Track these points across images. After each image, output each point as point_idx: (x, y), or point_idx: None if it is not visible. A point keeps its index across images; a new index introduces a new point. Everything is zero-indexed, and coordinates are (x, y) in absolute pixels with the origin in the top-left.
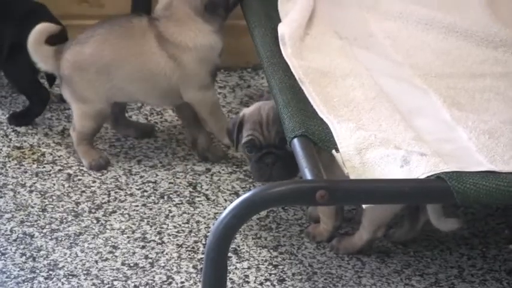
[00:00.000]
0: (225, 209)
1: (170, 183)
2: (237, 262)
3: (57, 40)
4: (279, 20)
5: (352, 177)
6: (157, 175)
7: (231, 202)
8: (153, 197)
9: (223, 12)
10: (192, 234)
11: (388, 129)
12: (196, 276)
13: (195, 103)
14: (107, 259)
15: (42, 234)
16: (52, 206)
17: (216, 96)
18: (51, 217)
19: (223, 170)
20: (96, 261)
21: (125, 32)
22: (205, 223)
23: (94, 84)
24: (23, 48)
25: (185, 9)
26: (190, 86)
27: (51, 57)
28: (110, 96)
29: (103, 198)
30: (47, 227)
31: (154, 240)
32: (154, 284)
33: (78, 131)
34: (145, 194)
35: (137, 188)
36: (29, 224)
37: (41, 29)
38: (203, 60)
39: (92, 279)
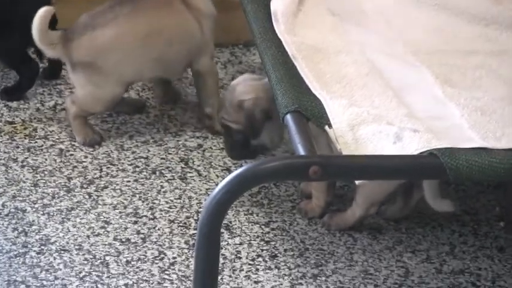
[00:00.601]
0: (216, 184)
1: (162, 158)
2: (228, 238)
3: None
4: None
5: (345, 153)
6: (149, 151)
7: (223, 178)
8: (144, 173)
9: None
10: (184, 209)
11: (381, 105)
12: (188, 251)
13: (207, 72)
14: (98, 234)
15: (34, 209)
16: (44, 181)
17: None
18: (43, 192)
19: (215, 146)
20: (88, 236)
21: (152, 4)
22: (197, 199)
23: (120, 67)
24: (9, 23)
25: None
26: (205, 53)
27: (59, 43)
28: (138, 73)
29: (95, 174)
30: (39, 202)
31: (146, 216)
32: (146, 259)
33: (80, 109)
34: (137, 169)
35: (129, 163)
36: (20, 199)
37: (43, 14)
38: (213, 27)
39: (84, 254)
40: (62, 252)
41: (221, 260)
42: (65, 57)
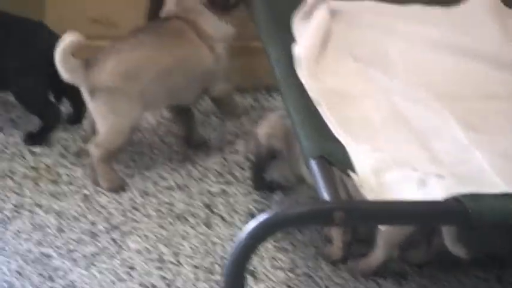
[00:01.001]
0: (240, 230)
1: (186, 204)
2: (253, 284)
3: None
4: (294, 41)
5: (369, 198)
6: (173, 196)
7: (247, 223)
8: (169, 218)
9: (226, 3)
10: (209, 255)
11: (405, 150)
12: None
13: (223, 96)
14: (123, 280)
15: (59, 255)
16: (69, 227)
17: None
18: (68, 237)
19: (238, 191)
20: (113, 282)
21: (171, 33)
22: (221, 244)
23: (143, 92)
24: (28, 68)
25: (194, 2)
26: (220, 78)
27: (81, 70)
28: (154, 102)
29: (119, 219)
30: (64, 247)
31: (170, 261)
32: None
33: (104, 148)
34: (161, 215)
35: (153, 209)
36: (46, 244)
37: (69, 41)
38: (227, 50)
39: None
40: None
41: None
42: (85, 83)
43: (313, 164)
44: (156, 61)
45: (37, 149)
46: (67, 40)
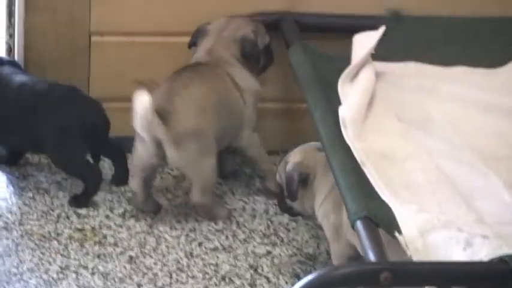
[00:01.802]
0: None
1: (231, 265)
2: None
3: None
4: (339, 103)
5: (415, 259)
6: (218, 257)
7: (292, 285)
8: (214, 279)
9: (256, 61)
10: None
11: (450, 211)
12: None
13: (249, 143)
14: None
15: None
16: None
17: None
18: None
19: (283, 252)
20: None
21: (214, 76)
22: None
23: (212, 126)
24: (66, 132)
25: (227, 53)
26: (247, 126)
27: (160, 122)
28: (220, 139)
29: (165, 280)
30: None
31: None
32: None
33: (211, 191)
34: (207, 276)
35: (198, 270)
36: None
37: (147, 99)
38: (254, 102)
39: None
40: None
41: None
42: (166, 135)
43: (359, 224)
44: (209, 95)
45: (82, 211)
46: (145, 98)
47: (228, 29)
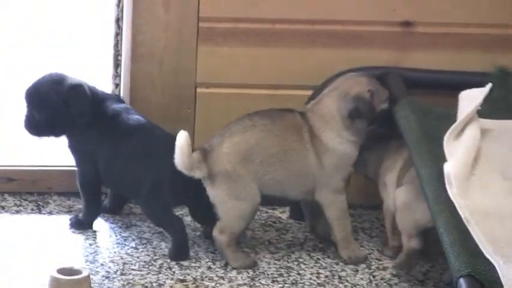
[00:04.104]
0: None
1: None
2: None
3: None
4: (444, 159)
5: None
6: None
7: None
8: None
9: (364, 124)
10: None
11: None
12: None
13: (326, 204)
14: None
15: None
16: None
17: (346, 202)
18: None
19: None
20: None
21: (285, 125)
22: None
23: (257, 176)
24: (162, 183)
25: (331, 107)
26: (324, 186)
27: (201, 161)
28: (266, 189)
29: None
30: None
31: None
32: None
33: (230, 233)
34: None
35: None
36: None
37: (185, 137)
38: (339, 164)
39: None
40: None
41: None
42: (204, 172)
43: (462, 282)
44: (265, 146)
45: (185, 262)
46: (183, 137)
47: (344, 83)
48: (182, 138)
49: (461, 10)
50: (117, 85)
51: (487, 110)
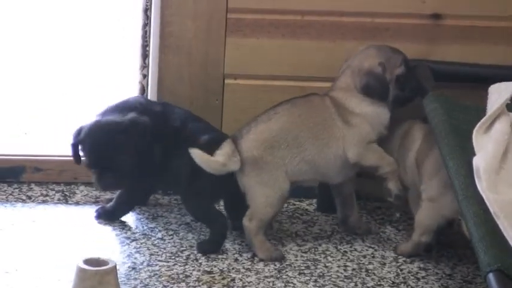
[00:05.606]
0: None
1: None
2: None
3: None
4: (473, 153)
5: None
6: None
7: None
8: None
9: (379, 99)
10: None
11: None
12: None
13: (361, 158)
14: None
15: None
16: None
17: (380, 147)
18: None
19: None
20: None
21: (308, 104)
22: None
23: (285, 162)
24: (202, 175)
25: (348, 82)
26: (354, 142)
27: (235, 149)
28: (297, 173)
29: None
30: None
31: None
32: None
33: (259, 220)
34: None
35: None
36: None
37: (199, 153)
38: (370, 123)
39: None
40: None
41: None
42: (239, 162)
43: (491, 277)
44: (288, 130)
45: (212, 254)
46: (198, 155)
47: (356, 59)
48: (197, 157)
49: (491, 3)
50: (144, 76)
51: None
